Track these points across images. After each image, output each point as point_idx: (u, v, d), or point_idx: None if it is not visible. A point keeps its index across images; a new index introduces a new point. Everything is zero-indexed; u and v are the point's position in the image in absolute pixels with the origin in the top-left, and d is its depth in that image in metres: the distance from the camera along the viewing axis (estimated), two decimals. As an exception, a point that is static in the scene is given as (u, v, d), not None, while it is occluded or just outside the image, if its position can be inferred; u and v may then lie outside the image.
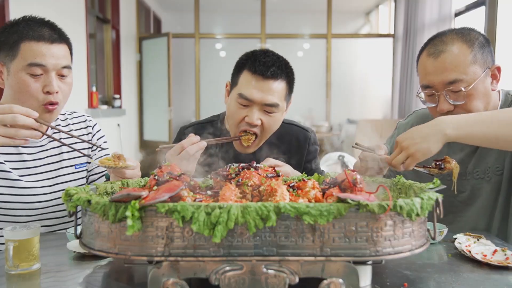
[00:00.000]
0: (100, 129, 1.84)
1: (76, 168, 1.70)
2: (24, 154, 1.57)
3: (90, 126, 1.80)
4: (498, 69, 1.53)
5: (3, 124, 1.24)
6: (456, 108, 1.51)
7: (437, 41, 1.54)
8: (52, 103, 1.50)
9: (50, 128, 1.60)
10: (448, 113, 1.50)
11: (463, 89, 1.47)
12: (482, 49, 1.51)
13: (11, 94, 1.49)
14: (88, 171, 1.77)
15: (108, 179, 1.62)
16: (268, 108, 1.62)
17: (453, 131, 1.31)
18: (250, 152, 1.74)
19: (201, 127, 1.83)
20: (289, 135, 1.84)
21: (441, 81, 1.49)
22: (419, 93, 1.59)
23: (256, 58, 1.62)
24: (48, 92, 1.48)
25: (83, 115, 1.81)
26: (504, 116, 1.33)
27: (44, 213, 1.61)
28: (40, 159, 1.61)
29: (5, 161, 1.53)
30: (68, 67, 1.53)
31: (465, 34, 1.52)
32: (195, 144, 1.51)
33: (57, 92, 1.50)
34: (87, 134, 1.78)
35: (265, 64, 1.59)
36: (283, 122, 1.82)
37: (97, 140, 1.80)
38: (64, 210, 1.62)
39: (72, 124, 1.76)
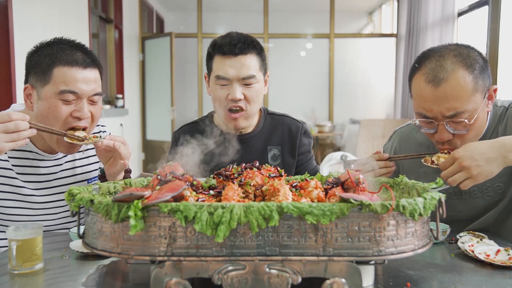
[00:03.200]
0: (110, 133, 1.81)
1: (88, 182, 1.70)
2: (40, 167, 1.57)
3: (102, 132, 1.78)
4: (495, 90, 1.48)
5: (5, 132, 1.26)
6: (455, 137, 1.45)
7: (434, 65, 1.43)
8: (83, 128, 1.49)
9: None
10: (448, 141, 1.46)
11: (466, 120, 1.41)
12: (483, 74, 1.43)
13: (41, 120, 1.44)
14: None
15: (102, 173, 1.61)
16: (246, 81, 1.71)
17: None
18: (242, 127, 1.78)
19: (191, 128, 1.89)
20: (281, 125, 1.90)
21: (442, 112, 1.42)
22: (415, 120, 1.50)
23: (222, 42, 1.72)
24: (78, 118, 1.46)
25: (97, 125, 1.78)
26: None
27: (54, 230, 1.62)
28: (54, 173, 1.61)
29: (18, 173, 1.53)
30: (99, 94, 1.51)
31: (465, 57, 1.42)
32: None
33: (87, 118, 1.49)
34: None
35: (231, 43, 1.70)
36: (275, 114, 1.92)
37: None
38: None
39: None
